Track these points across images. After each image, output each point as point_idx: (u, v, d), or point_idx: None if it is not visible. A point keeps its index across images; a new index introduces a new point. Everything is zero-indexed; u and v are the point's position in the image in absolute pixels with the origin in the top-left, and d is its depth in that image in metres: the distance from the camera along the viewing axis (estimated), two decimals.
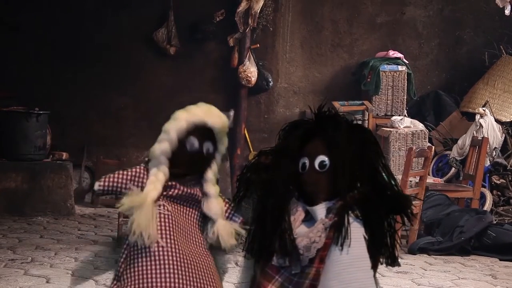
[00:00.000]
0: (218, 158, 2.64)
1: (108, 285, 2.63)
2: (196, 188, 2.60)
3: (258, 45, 9.23)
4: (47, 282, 4.86)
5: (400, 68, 8.84)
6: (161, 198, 2.54)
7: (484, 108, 8.41)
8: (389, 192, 2.13)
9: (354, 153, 2.12)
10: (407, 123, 8.34)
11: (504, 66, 9.00)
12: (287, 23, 9.40)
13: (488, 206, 7.59)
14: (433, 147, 7.34)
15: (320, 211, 2.13)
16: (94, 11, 9.06)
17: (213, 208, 2.58)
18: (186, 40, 9.10)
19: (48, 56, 8.96)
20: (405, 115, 8.71)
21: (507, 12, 8.31)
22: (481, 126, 8.23)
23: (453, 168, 8.35)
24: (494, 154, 8.22)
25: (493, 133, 8.22)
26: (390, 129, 8.29)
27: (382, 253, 2.12)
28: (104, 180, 2.57)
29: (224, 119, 2.62)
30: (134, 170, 2.61)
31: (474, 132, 8.23)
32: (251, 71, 9.03)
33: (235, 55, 9.09)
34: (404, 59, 9.02)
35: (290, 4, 9.39)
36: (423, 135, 8.29)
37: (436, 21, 9.68)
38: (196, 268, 2.50)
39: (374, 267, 2.10)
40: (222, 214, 2.59)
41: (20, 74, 8.83)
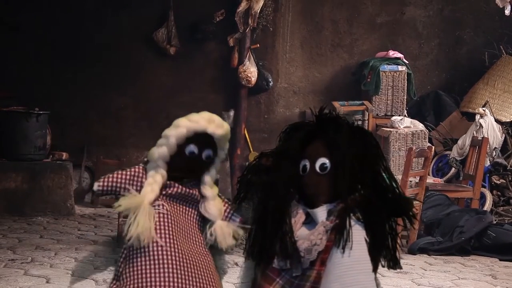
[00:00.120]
0: (217, 163, 2.65)
1: (108, 285, 2.62)
2: (195, 188, 2.61)
3: (258, 45, 9.22)
4: (47, 282, 4.85)
5: (400, 68, 8.82)
6: (159, 198, 2.54)
7: (484, 108, 8.40)
8: (390, 195, 2.13)
9: (355, 155, 2.12)
10: (407, 123, 8.33)
11: (504, 66, 9.00)
12: (287, 23, 9.39)
13: (488, 206, 7.59)
14: (433, 147, 7.33)
15: (321, 213, 2.13)
16: (94, 11, 9.05)
17: (210, 209, 2.58)
18: (186, 40, 9.09)
19: (48, 56, 8.95)
20: (405, 115, 8.70)
21: (507, 12, 8.30)
22: (481, 126, 8.23)
23: (453, 168, 8.34)
24: (494, 154, 8.22)
25: (493, 133, 8.22)
26: (390, 129, 8.29)
27: (384, 255, 2.12)
28: (103, 181, 2.58)
29: (225, 127, 2.62)
30: (133, 170, 2.61)
31: (474, 132, 8.22)
32: (251, 71, 9.03)
33: (235, 55, 9.08)
34: (404, 59, 9.01)
35: (290, 4, 9.39)
36: (423, 135, 8.29)
37: (436, 21, 9.67)
38: (196, 268, 2.50)
39: (375, 269, 2.10)
40: (220, 215, 2.60)
41: (20, 74, 8.83)
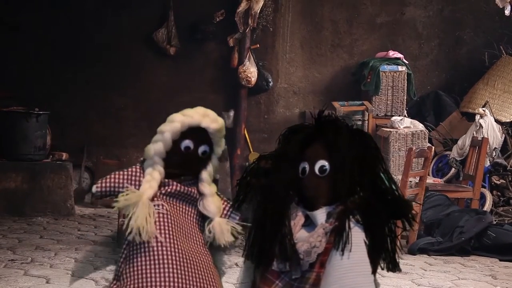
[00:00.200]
0: (214, 159, 2.65)
1: (108, 285, 2.63)
2: (193, 187, 2.61)
3: (258, 45, 9.22)
4: (47, 282, 4.85)
5: (400, 68, 8.82)
6: (159, 197, 2.55)
7: (484, 109, 8.40)
8: (389, 197, 2.13)
9: (354, 157, 2.12)
10: (407, 124, 8.33)
11: (504, 66, 9.00)
12: (287, 23, 9.39)
13: (488, 206, 7.59)
14: (433, 147, 7.33)
15: (320, 216, 2.13)
16: (94, 11, 9.05)
17: (209, 206, 2.58)
18: (186, 40, 9.09)
19: (48, 56, 8.95)
20: (405, 116, 8.70)
21: (507, 12, 8.30)
22: (481, 126, 8.23)
23: (453, 169, 8.34)
24: (494, 154, 8.22)
25: (493, 133, 8.22)
26: (390, 129, 8.29)
27: (383, 258, 2.13)
28: (101, 182, 2.59)
29: (220, 122, 2.62)
30: (130, 170, 2.62)
31: (474, 132, 8.22)
32: (251, 71, 9.03)
33: (235, 55, 9.08)
34: (404, 60, 9.01)
35: (290, 4, 9.39)
36: (423, 136, 8.29)
37: (436, 21, 9.67)
38: (195, 267, 2.50)
39: (375, 272, 2.10)
40: (219, 212, 2.59)
41: (20, 74, 8.83)
